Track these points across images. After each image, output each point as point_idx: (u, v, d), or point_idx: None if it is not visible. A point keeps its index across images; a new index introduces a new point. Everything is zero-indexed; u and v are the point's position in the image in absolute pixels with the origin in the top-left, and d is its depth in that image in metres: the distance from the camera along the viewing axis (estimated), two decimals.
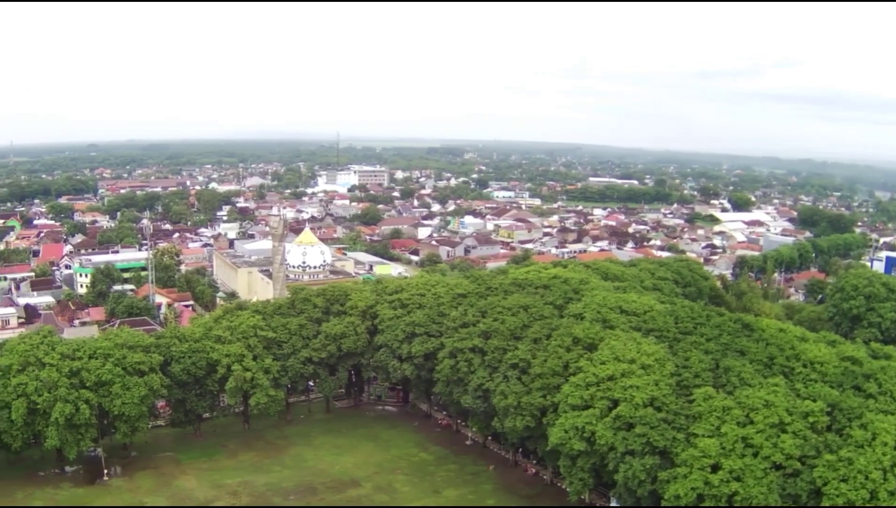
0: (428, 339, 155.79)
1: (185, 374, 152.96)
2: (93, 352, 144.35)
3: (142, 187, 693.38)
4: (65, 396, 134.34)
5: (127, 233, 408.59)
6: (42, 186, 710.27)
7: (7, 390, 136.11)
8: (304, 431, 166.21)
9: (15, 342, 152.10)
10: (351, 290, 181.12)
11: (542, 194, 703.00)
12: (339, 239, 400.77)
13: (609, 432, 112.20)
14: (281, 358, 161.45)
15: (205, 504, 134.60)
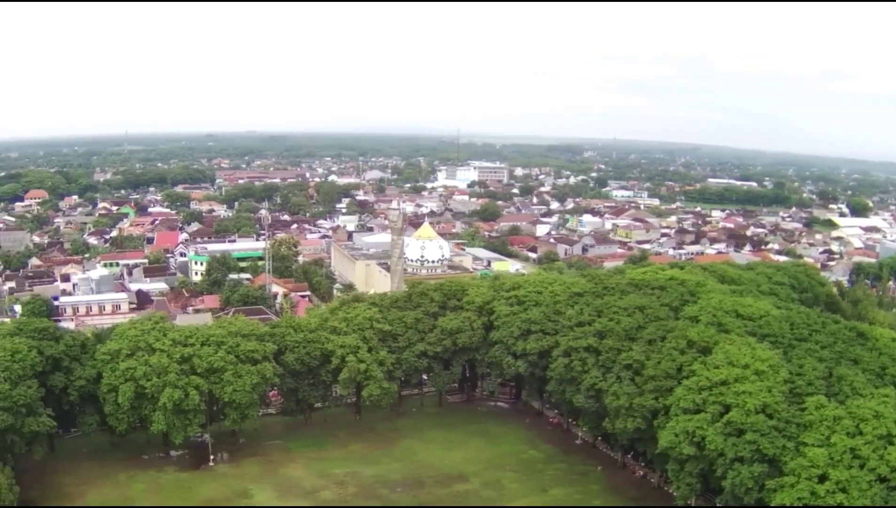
0: (543, 337, 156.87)
1: (298, 364, 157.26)
2: (205, 339, 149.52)
3: (260, 178, 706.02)
4: (174, 381, 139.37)
5: (244, 223, 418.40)
6: (157, 175, 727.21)
7: (115, 374, 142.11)
8: (416, 424, 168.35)
9: (125, 326, 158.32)
10: (468, 285, 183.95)
11: (661, 194, 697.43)
12: (458, 234, 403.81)
13: (719, 437, 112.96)
14: (396, 351, 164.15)
15: (311, 493, 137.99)
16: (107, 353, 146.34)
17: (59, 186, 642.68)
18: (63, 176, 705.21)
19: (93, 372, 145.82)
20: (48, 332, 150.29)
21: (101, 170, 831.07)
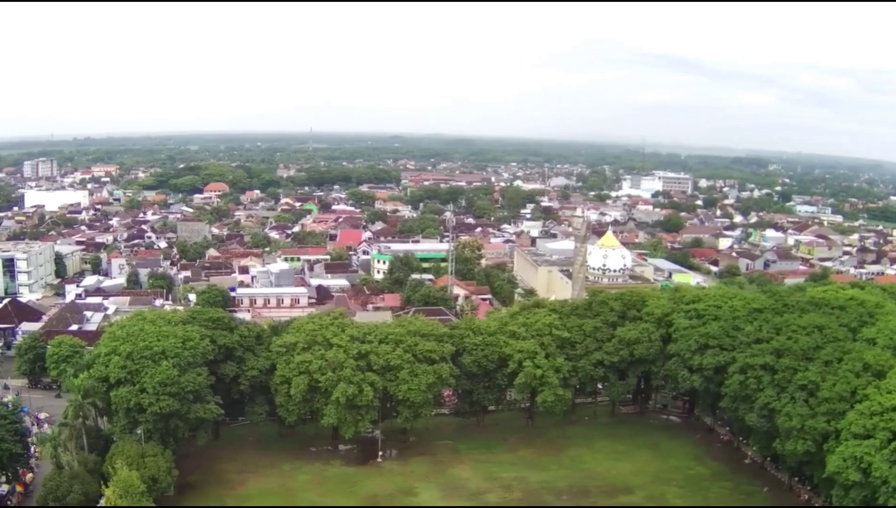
0: (720, 352, 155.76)
1: (475, 366, 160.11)
2: (384, 337, 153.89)
3: (445, 181, 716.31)
4: (349, 377, 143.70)
5: (428, 224, 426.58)
6: (342, 174, 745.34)
7: (290, 366, 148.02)
8: (587, 433, 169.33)
9: (303, 321, 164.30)
10: (648, 296, 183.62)
11: (844, 210, 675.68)
12: (640, 244, 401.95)
13: (885, 464, 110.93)
14: (573, 359, 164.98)
15: (476, 495, 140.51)
16: (282, 345, 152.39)
17: (240, 181, 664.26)
18: (245, 170, 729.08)
19: (266, 363, 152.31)
20: (222, 322, 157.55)
21: (285, 166, 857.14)
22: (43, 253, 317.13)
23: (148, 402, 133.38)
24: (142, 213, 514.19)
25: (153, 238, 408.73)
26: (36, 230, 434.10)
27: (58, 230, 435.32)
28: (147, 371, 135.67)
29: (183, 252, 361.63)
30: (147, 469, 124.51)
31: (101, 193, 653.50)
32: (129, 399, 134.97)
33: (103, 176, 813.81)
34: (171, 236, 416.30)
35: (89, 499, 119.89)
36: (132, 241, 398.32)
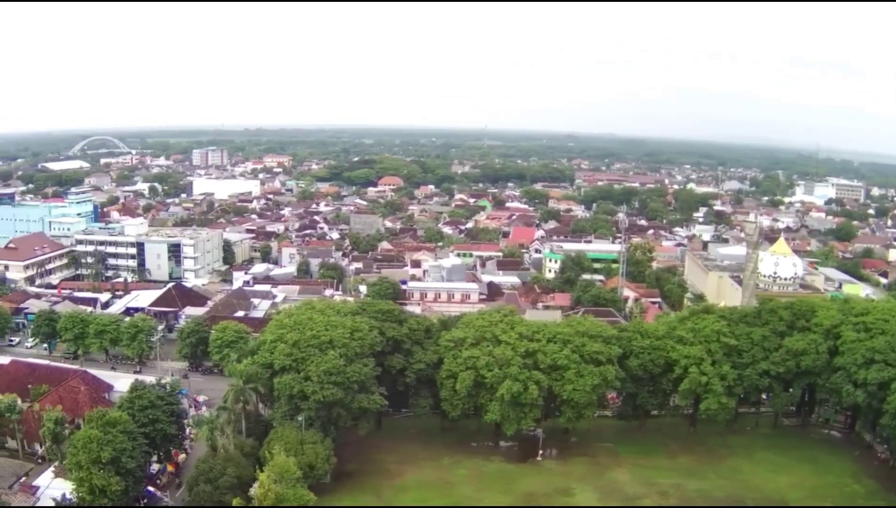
0: (884, 367, 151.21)
1: (641, 369, 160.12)
2: (552, 336, 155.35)
3: (619, 181, 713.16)
4: (515, 374, 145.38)
5: (601, 224, 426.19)
6: (516, 171, 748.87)
7: (457, 361, 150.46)
8: (747, 443, 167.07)
9: (473, 316, 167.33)
10: (818, 306, 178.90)
11: None
12: (812, 253, 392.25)
13: None
14: (738, 367, 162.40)
15: (632, 499, 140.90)
16: (451, 340, 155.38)
17: (414, 175, 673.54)
18: (419, 165, 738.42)
19: (434, 357, 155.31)
20: (392, 314, 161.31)
21: (459, 162, 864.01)
22: (211, 240, 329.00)
23: (311, 390, 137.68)
24: (314, 204, 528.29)
25: (325, 229, 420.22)
26: (204, 218, 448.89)
27: (227, 218, 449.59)
28: (313, 360, 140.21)
29: (355, 244, 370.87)
30: (305, 456, 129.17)
31: (273, 183, 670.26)
32: (293, 387, 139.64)
33: (275, 167, 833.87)
34: (343, 227, 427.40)
35: (242, 483, 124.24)
36: (304, 231, 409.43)
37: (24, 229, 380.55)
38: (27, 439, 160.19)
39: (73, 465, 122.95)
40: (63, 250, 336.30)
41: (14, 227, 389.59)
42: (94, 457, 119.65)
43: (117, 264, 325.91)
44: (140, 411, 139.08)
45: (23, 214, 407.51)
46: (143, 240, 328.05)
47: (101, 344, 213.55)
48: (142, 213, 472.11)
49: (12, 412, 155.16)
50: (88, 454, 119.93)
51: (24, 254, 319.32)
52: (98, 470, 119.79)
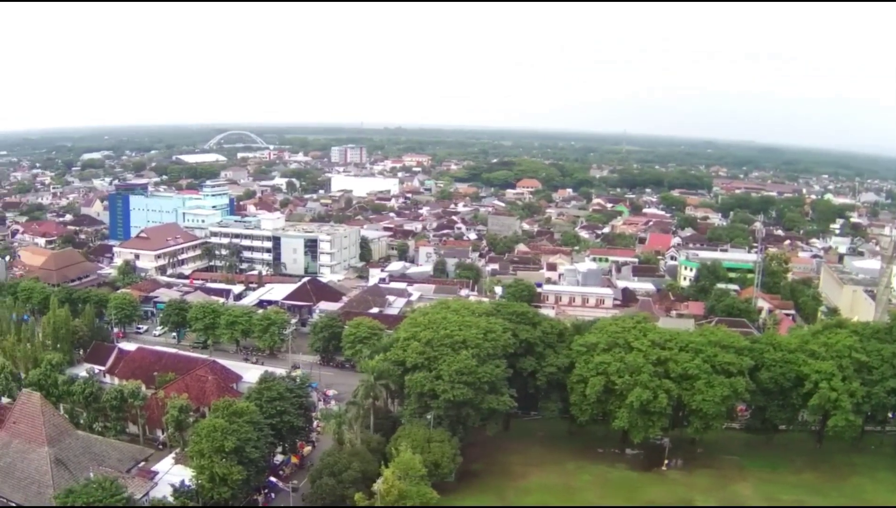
0: None
1: (771, 383, 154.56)
2: (684, 345, 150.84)
3: (756, 190, 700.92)
4: (645, 382, 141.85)
5: (737, 233, 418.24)
6: (654, 177, 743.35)
7: (588, 366, 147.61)
8: (871, 462, 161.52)
9: (607, 322, 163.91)
10: None
11: None
12: None
13: None
14: (868, 384, 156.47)
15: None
16: (583, 345, 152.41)
17: (553, 178, 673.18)
18: (557, 168, 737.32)
19: (565, 361, 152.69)
20: (526, 316, 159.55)
21: (598, 166, 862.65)
22: (348, 236, 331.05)
23: (442, 389, 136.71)
24: (452, 204, 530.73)
25: (463, 229, 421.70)
26: (342, 214, 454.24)
27: (365, 215, 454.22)
28: (445, 359, 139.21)
29: (492, 245, 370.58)
30: (431, 454, 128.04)
31: (412, 182, 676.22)
32: (424, 385, 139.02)
33: (414, 166, 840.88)
34: (480, 228, 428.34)
35: (366, 477, 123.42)
36: (441, 230, 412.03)
37: (157, 219, 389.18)
38: (149, 425, 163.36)
39: (194, 453, 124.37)
40: (196, 242, 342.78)
41: (147, 217, 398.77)
42: (218, 446, 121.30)
43: (252, 257, 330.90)
44: (268, 402, 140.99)
45: (156, 204, 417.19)
46: (280, 234, 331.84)
47: (231, 335, 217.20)
48: (279, 208, 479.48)
49: (136, 398, 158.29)
50: (212, 442, 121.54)
51: (156, 244, 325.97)
52: (220, 459, 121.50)
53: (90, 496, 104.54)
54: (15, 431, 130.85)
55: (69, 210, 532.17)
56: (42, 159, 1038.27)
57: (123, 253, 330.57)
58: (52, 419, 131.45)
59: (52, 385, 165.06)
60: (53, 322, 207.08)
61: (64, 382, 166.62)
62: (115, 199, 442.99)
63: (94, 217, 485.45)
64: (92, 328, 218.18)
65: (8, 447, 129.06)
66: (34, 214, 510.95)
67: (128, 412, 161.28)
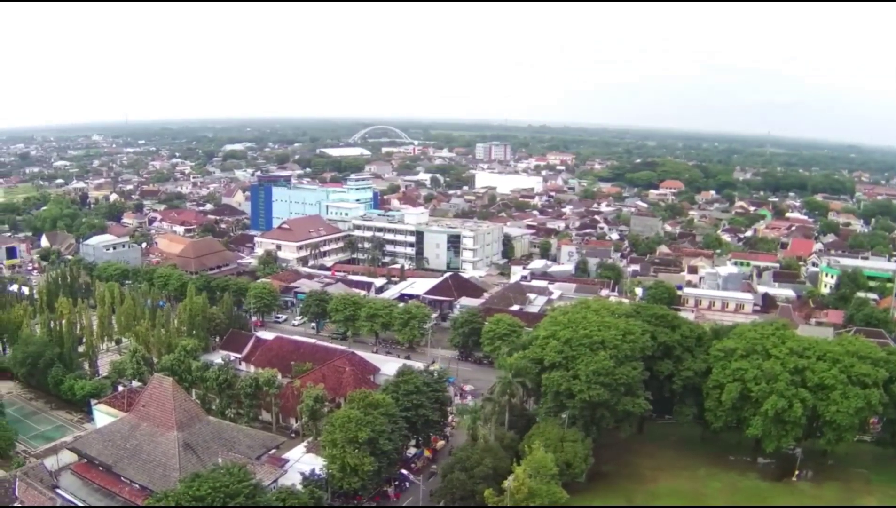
0: None
1: None
2: (822, 354, 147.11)
3: None
4: (781, 390, 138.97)
5: (879, 241, 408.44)
6: (797, 181, 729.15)
7: (725, 371, 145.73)
8: None
9: (745, 327, 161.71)
10: None
11: None
12: None
13: None
14: None
15: None
16: (721, 350, 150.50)
17: (695, 180, 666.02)
18: (701, 170, 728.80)
19: (702, 366, 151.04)
20: (665, 319, 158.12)
21: (741, 169, 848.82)
22: (491, 233, 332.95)
23: (578, 389, 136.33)
24: (595, 203, 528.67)
25: (605, 229, 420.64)
26: (485, 211, 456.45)
27: (508, 213, 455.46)
28: (583, 359, 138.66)
29: (634, 246, 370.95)
30: (563, 454, 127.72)
31: (556, 180, 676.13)
32: (561, 384, 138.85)
33: (558, 164, 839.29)
34: (623, 228, 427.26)
35: (497, 474, 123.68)
36: (584, 230, 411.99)
37: (300, 211, 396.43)
38: (283, 413, 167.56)
39: (327, 442, 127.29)
40: (339, 234, 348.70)
41: (289, 208, 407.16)
42: (351, 436, 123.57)
43: (395, 251, 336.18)
44: (405, 395, 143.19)
45: (299, 196, 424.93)
46: (423, 229, 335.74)
47: (371, 327, 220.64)
48: (423, 203, 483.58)
49: (271, 387, 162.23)
50: (345, 433, 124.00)
51: (299, 235, 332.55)
52: (353, 450, 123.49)
53: (217, 481, 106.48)
54: (144, 414, 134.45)
55: (209, 200, 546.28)
56: (182, 149, 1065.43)
57: (265, 243, 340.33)
58: (183, 404, 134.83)
59: (186, 371, 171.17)
60: (190, 309, 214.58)
61: (198, 368, 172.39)
62: (258, 190, 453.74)
63: (235, 207, 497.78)
64: (230, 316, 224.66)
65: (136, 429, 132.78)
66: (173, 202, 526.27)
67: (262, 400, 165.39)
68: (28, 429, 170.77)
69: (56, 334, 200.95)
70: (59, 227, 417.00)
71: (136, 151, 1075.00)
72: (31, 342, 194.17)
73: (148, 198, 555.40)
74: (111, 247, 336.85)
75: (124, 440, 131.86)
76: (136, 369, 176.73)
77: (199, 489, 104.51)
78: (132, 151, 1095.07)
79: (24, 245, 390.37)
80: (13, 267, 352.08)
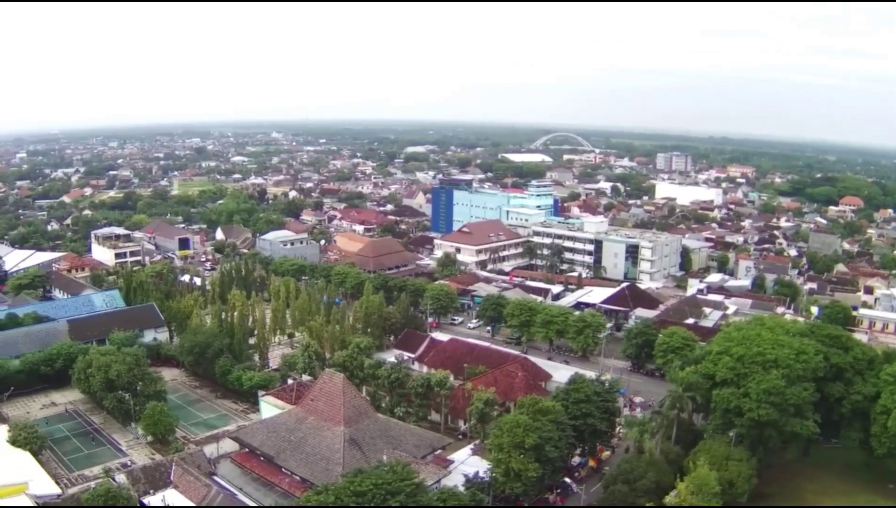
0: None
1: None
2: None
3: None
4: None
5: None
6: None
7: (893, 397, 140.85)
8: None
9: None
10: None
11: None
12: None
13: None
14: None
15: None
16: (891, 374, 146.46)
17: (874, 197, 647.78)
18: (879, 187, 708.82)
19: (872, 390, 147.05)
20: (839, 341, 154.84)
21: None
22: (669, 245, 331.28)
23: (748, 407, 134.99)
24: (775, 218, 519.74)
25: (784, 245, 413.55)
26: (664, 222, 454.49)
27: (687, 225, 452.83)
28: (754, 377, 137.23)
29: (812, 263, 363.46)
30: (727, 472, 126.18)
31: (736, 193, 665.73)
32: (730, 401, 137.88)
33: (738, 177, 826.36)
34: (801, 245, 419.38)
35: (659, 488, 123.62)
36: (762, 245, 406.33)
37: (480, 215, 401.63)
38: (452, 414, 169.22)
39: (494, 446, 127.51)
40: (519, 240, 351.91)
41: (469, 212, 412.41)
42: (518, 441, 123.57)
43: (573, 259, 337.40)
44: (574, 403, 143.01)
45: (480, 200, 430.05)
46: (602, 238, 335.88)
47: (546, 334, 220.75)
48: (602, 211, 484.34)
49: (443, 387, 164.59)
50: (512, 437, 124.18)
51: (478, 239, 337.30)
52: (518, 455, 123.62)
53: (379, 478, 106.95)
54: (312, 408, 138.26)
55: (390, 200, 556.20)
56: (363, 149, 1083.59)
57: (444, 246, 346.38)
58: (352, 400, 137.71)
59: (358, 368, 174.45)
60: (366, 307, 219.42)
61: (370, 365, 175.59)
62: (439, 192, 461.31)
63: (416, 209, 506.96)
64: (405, 316, 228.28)
65: (302, 422, 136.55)
66: (353, 201, 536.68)
67: (432, 401, 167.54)
68: (190, 416, 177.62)
69: (227, 325, 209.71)
70: (235, 221, 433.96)
71: (317, 150, 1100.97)
72: (200, 332, 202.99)
73: (328, 196, 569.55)
74: (288, 243, 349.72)
75: (289, 433, 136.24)
76: (308, 363, 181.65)
77: (360, 484, 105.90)
78: (312, 149, 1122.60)
79: (197, 237, 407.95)
80: (186, 258, 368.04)
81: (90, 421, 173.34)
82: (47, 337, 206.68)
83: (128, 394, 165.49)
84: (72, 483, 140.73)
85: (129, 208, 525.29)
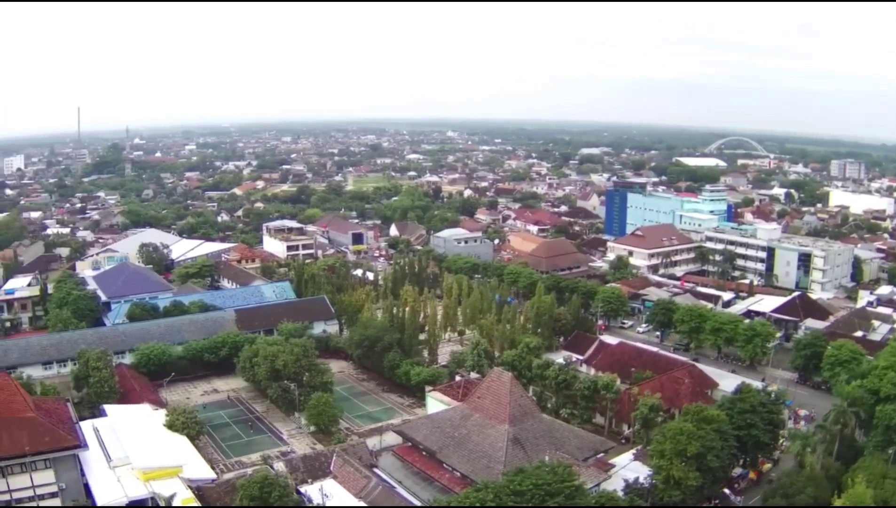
0: None
1: None
2: None
3: None
4: None
5: None
6: None
7: None
8: None
9: None
10: None
11: None
12: None
13: None
14: None
15: None
16: None
17: None
18: None
19: None
20: None
21: None
22: (841, 254, 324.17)
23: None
24: None
25: None
26: (837, 231, 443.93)
27: (860, 234, 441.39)
28: None
29: None
30: (883, 491, 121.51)
31: None
32: (892, 417, 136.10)
33: None
34: None
35: (817, 504, 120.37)
36: None
37: (653, 218, 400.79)
38: (616, 418, 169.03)
39: (655, 452, 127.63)
40: (691, 245, 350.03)
41: (643, 215, 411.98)
42: (680, 449, 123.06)
43: (745, 266, 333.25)
44: (739, 413, 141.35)
45: (653, 204, 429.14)
46: (775, 245, 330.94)
47: (714, 341, 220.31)
48: (776, 218, 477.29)
49: (609, 391, 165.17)
50: (675, 444, 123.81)
51: (651, 243, 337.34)
52: (680, 462, 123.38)
53: (540, 478, 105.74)
54: (478, 405, 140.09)
55: (564, 201, 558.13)
56: (538, 150, 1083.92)
57: (617, 248, 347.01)
58: (518, 399, 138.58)
59: (526, 367, 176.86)
60: (537, 307, 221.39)
61: (539, 366, 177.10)
62: (613, 195, 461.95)
63: (590, 211, 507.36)
64: (576, 318, 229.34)
65: (467, 419, 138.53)
66: (528, 201, 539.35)
67: (598, 403, 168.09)
68: (355, 408, 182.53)
69: (398, 320, 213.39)
70: (410, 217, 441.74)
71: (492, 149, 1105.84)
72: (370, 326, 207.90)
73: (502, 196, 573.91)
74: (463, 241, 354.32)
75: (453, 429, 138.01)
76: (476, 361, 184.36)
77: (520, 483, 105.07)
78: (487, 148, 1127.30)
79: (371, 232, 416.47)
80: (359, 253, 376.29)
81: (252, 409, 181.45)
82: (213, 325, 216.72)
83: (293, 384, 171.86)
84: (228, 468, 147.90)
85: (303, 201, 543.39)
